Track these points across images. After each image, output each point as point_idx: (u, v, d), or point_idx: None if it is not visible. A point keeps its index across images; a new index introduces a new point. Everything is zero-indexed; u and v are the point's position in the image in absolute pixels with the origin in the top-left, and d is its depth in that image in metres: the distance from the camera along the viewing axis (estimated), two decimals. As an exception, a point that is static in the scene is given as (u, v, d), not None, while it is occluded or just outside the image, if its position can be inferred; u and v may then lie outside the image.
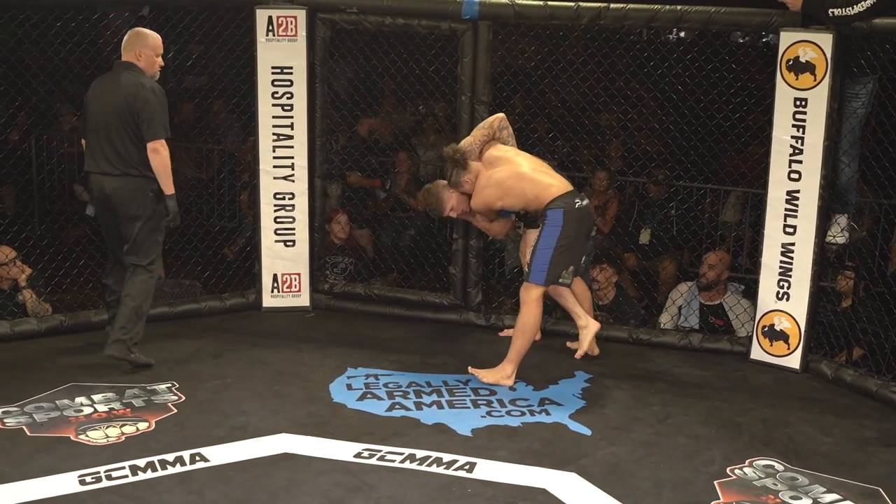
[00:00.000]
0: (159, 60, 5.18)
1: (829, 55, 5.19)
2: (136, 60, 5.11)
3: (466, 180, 5.26)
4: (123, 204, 5.10)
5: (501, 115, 5.38)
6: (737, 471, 4.33)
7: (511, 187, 5.14)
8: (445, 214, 5.48)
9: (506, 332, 5.73)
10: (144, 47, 5.12)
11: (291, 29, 5.99)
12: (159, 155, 5.04)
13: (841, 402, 5.18)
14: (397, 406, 4.89)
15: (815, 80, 5.25)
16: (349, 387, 5.12)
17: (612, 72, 6.74)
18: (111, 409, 4.72)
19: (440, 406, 4.92)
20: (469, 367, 5.30)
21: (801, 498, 4.11)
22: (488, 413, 4.84)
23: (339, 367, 5.36)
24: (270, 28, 5.98)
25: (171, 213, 5.15)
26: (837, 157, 5.35)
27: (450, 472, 4.20)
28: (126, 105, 5.01)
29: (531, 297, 5.08)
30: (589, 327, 5.40)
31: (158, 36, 5.20)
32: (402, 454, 4.34)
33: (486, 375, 5.19)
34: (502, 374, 5.16)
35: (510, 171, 5.17)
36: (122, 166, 5.06)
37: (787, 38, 5.32)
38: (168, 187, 5.11)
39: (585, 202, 5.12)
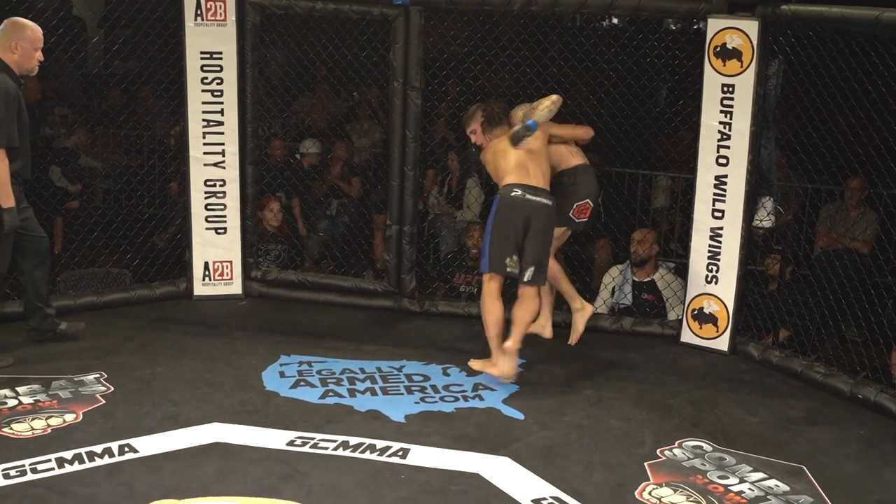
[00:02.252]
0: (38, 55, 4.91)
1: (755, 42, 5.27)
2: (11, 53, 4.83)
3: (488, 138, 5.29)
4: None
5: (557, 97, 5.33)
6: (667, 452, 4.39)
7: (498, 159, 5.18)
8: (468, 132, 5.43)
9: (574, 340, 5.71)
10: (21, 39, 4.84)
11: (220, 13, 5.91)
12: None
13: (768, 383, 5.29)
14: (331, 393, 4.87)
15: (741, 66, 5.34)
16: (282, 374, 5.08)
17: (545, 57, 6.75)
18: (36, 400, 4.62)
19: (374, 393, 4.91)
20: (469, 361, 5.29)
21: (728, 477, 4.19)
22: (422, 399, 4.85)
23: (272, 355, 5.32)
24: (199, 12, 5.89)
25: (6, 228, 4.82)
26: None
27: (383, 458, 4.20)
28: None
29: (483, 285, 5.13)
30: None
31: (38, 28, 4.93)
32: (335, 441, 4.33)
33: (476, 363, 5.23)
34: (489, 364, 5.17)
35: (508, 146, 5.17)
36: None
37: (714, 24, 5.40)
38: (3, 200, 4.76)
39: (532, 197, 5.02)
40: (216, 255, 6.19)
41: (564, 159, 5.44)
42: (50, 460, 4.05)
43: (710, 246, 5.59)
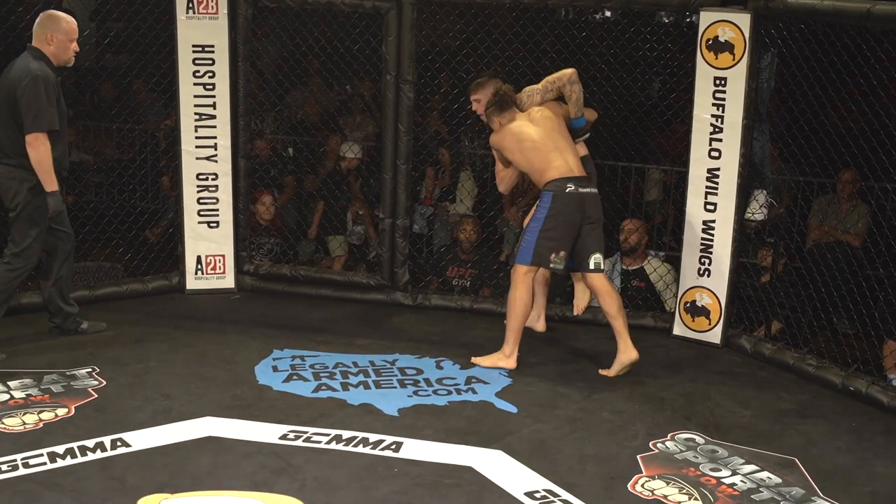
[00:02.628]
0: (73, 46, 5.01)
1: (747, 35, 5.27)
2: (47, 45, 4.94)
3: (498, 121, 5.20)
4: (0, 192, 4.99)
5: (572, 69, 5.23)
6: (659, 445, 4.40)
7: (527, 149, 5.09)
8: (472, 98, 5.35)
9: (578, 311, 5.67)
10: (57, 31, 4.95)
11: (212, 6, 5.89)
12: (35, 149, 4.85)
13: (760, 376, 5.30)
14: (324, 387, 4.87)
15: (733, 59, 5.34)
16: (275, 368, 5.08)
17: (538, 50, 6.75)
18: (28, 395, 4.61)
19: (367, 386, 4.91)
20: (472, 358, 5.27)
21: (720, 470, 4.20)
22: (415, 393, 4.85)
23: (265, 349, 5.32)
24: (191, 5, 5.87)
25: (50, 211, 4.96)
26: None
27: (376, 452, 4.20)
28: (10, 92, 4.85)
29: (517, 276, 5.12)
30: (628, 354, 5.14)
31: (73, 20, 5.03)
32: (328, 435, 4.33)
33: (484, 360, 5.22)
34: (500, 356, 5.20)
35: (532, 133, 5.10)
36: (1, 154, 4.93)
37: (706, 17, 5.40)
38: (48, 184, 4.91)
39: (584, 189, 5.05)
40: (208, 248, 6.18)
41: None
42: (42, 455, 4.04)
43: (702, 239, 5.60)
